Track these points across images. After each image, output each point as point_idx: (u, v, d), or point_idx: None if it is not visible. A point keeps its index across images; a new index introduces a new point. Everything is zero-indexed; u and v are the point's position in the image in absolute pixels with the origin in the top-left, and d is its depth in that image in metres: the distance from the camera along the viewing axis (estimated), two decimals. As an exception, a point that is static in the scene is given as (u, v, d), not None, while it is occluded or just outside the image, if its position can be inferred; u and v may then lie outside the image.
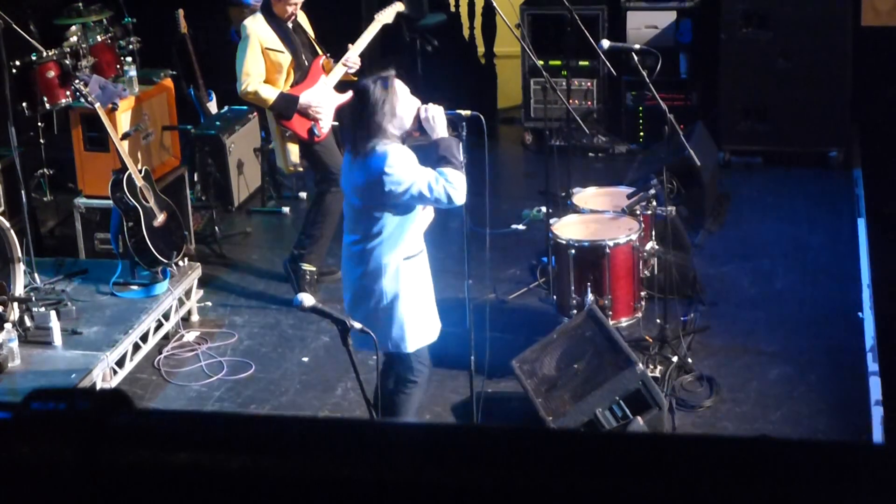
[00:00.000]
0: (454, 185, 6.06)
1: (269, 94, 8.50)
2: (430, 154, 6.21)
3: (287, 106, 8.54)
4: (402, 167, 6.01)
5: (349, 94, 6.54)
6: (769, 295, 8.75)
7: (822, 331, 8.21)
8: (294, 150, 8.79)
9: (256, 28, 8.53)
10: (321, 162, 8.74)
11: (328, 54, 8.87)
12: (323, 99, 8.62)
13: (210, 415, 2.55)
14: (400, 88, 6.16)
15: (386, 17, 9.12)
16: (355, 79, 8.95)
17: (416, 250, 6.31)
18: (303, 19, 8.81)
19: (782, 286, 8.87)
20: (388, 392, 6.50)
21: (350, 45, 8.83)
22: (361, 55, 8.81)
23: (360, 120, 6.13)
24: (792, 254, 9.37)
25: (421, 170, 6.07)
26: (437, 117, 6.19)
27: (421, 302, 6.35)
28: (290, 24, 8.65)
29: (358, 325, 5.37)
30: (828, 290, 8.76)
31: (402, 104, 6.14)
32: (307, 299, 5.24)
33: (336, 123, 8.68)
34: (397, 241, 6.20)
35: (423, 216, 6.36)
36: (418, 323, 6.34)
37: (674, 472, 1.37)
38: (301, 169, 9.08)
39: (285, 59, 8.56)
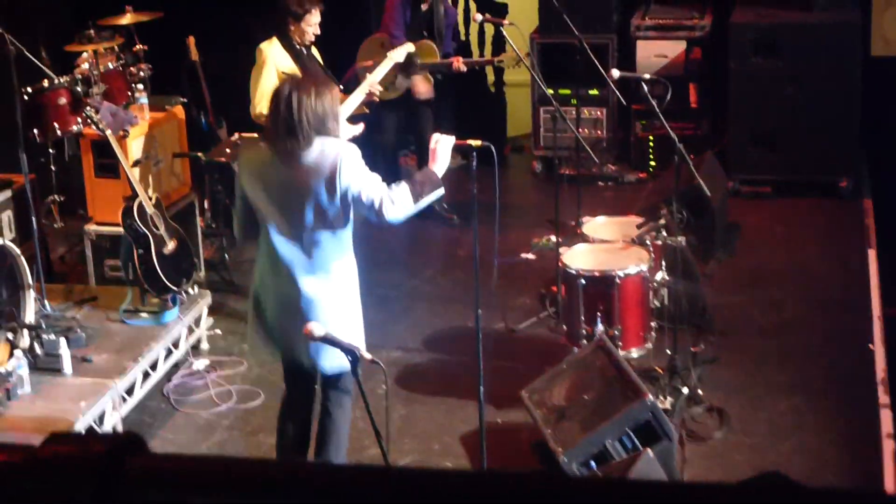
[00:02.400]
0: (395, 201, 5.94)
1: None
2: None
3: None
4: (354, 161, 5.94)
5: (361, 126, 6.54)
6: (779, 325, 8.73)
7: (832, 362, 8.19)
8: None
9: (272, 51, 8.55)
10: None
11: (341, 86, 8.89)
12: (336, 128, 8.63)
13: (223, 458, 2.55)
14: (325, 92, 6.05)
15: (398, 55, 9.17)
16: (367, 110, 8.99)
17: (352, 258, 6.25)
18: (315, 51, 8.84)
19: (792, 316, 8.86)
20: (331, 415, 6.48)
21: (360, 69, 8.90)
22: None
23: (298, 121, 5.93)
24: (802, 284, 9.35)
25: (368, 171, 6.00)
26: (443, 151, 6.17)
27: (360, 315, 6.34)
28: (304, 51, 8.67)
29: (368, 356, 5.37)
30: (838, 320, 8.74)
31: (334, 108, 6.06)
32: (317, 328, 5.24)
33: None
34: (343, 249, 6.13)
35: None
36: (362, 335, 6.31)
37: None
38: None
39: (300, 84, 8.56)
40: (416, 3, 10.14)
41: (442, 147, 6.17)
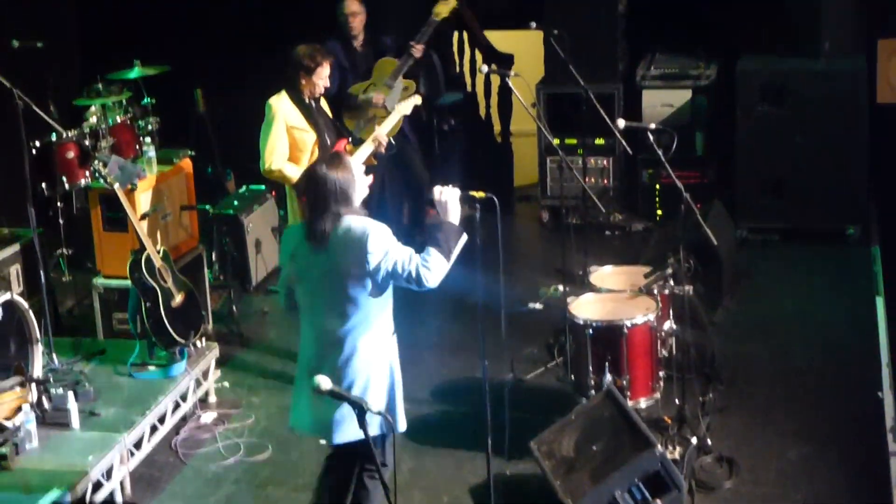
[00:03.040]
0: (430, 267, 6.07)
1: (293, 172, 8.53)
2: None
3: None
4: (382, 240, 6.05)
5: (370, 178, 6.56)
6: (788, 373, 8.71)
7: (841, 410, 8.16)
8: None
9: (281, 105, 8.57)
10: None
11: (350, 138, 8.93)
12: (344, 181, 8.65)
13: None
14: (350, 161, 6.22)
15: (405, 108, 9.21)
16: (375, 162, 9.01)
17: (389, 332, 6.31)
18: (323, 103, 8.86)
19: (801, 364, 8.83)
20: (349, 483, 6.47)
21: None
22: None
23: (324, 202, 6.12)
24: (810, 331, 9.33)
25: (398, 245, 6.10)
26: (450, 201, 6.21)
27: (397, 382, 6.37)
28: (313, 104, 8.70)
29: (376, 409, 5.36)
30: (847, 368, 8.72)
31: (356, 174, 6.19)
32: (324, 382, 5.22)
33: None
34: (376, 322, 6.19)
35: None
36: (401, 405, 6.37)
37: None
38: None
39: (310, 137, 8.60)
40: (350, 48, 10.17)
41: (448, 197, 6.21)
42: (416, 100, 9.38)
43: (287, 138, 8.55)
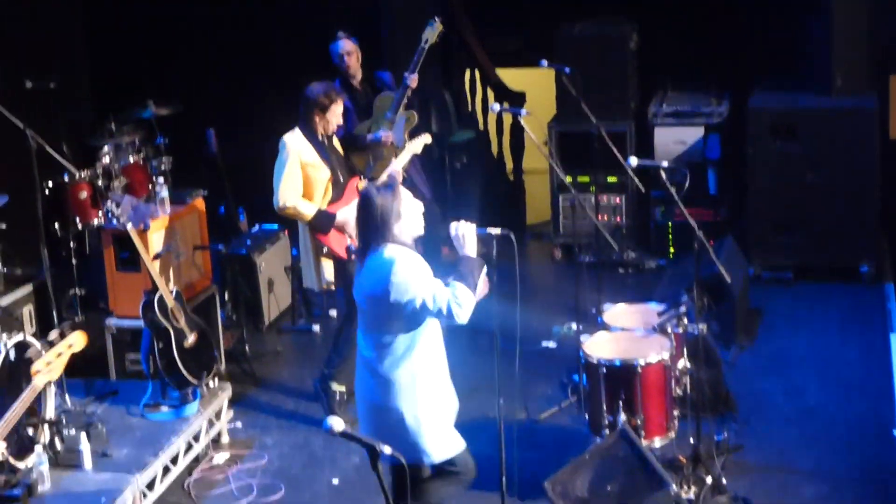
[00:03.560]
0: (460, 302, 6.09)
1: (307, 209, 8.55)
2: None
3: (324, 222, 8.59)
4: (407, 274, 6.08)
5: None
6: (802, 411, 8.67)
7: (856, 448, 8.13)
8: (328, 267, 8.82)
9: (295, 143, 8.59)
10: (351, 281, 8.74)
11: (362, 176, 8.95)
12: (358, 219, 8.67)
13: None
14: (403, 193, 6.24)
15: (415, 147, 9.24)
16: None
17: (429, 362, 6.30)
18: (336, 141, 8.88)
19: (815, 402, 8.80)
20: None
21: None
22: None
23: (366, 226, 6.20)
24: (824, 369, 9.30)
25: (427, 279, 6.10)
26: (467, 235, 6.24)
27: (437, 414, 6.35)
28: (326, 141, 8.72)
29: (388, 450, 5.33)
30: (861, 406, 8.68)
31: (406, 208, 6.20)
32: (337, 424, 5.20)
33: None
34: (409, 353, 6.20)
35: (436, 326, 6.33)
36: (436, 435, 6.35)
37: None
38: (333, 287, 9.09)
39: (323, 174, 8.62)
40: (349, 87, 10.17)
41: (464, 232, 6.23)
42: (427, 138, 9.41)
43: (301, 175, 8.58)
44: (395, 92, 10.00)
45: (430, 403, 6.32)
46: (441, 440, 6.38)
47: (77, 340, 7.09)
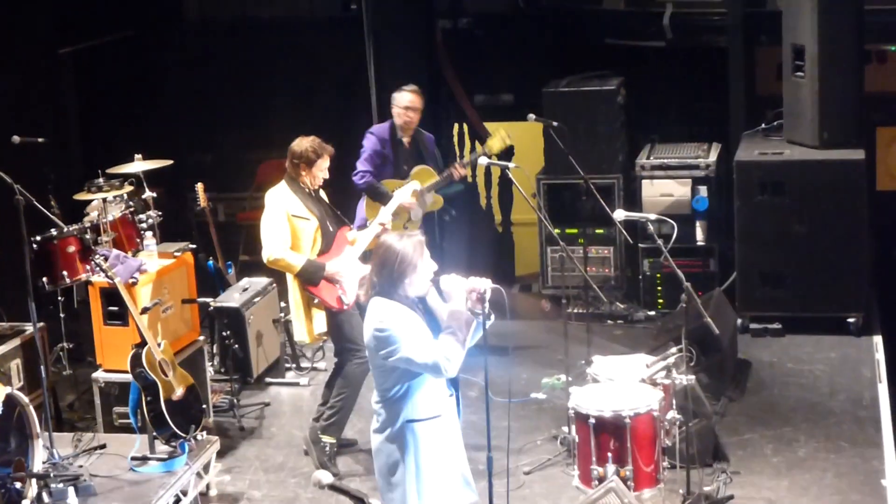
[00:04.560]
0: (449, 357, 6.06)
1: (296, 260, 8.57)
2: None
3: (314, 273, 8.60)
4: (394, 327, 6.06)
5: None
6: (792, 463, 8.66)
7: (846, 499, 8.12)
8: (320, 319, 8.81)
9: (281, 196, 8.64)
10: (343, 332, 8.75)
11: (352, 226, 8.98)
12: (349, 268, 8.69)
13: None
14: (424, 250, 6.23)
15: (403, 195, 9.29)
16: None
17: (426, 414, 6.25)
18: (322, 193, 8.91)
19: (805, 454, 8.79)
20: None
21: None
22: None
23: (380, 273, 6.20)
24: (813, 420, 9.30)
25: (415, 334, 6.08)
26: (457, 289, 6.22)
27: (430, 471, 6.27)
28: (312, 194, 8.76)
29: (377, 503, 5.33)
30: (851, 457, 8.68)
31: (423, 265, 6.19)
32: (325, 477, 5.21)
33: (360, 293, 8.70)
34: (404, 400, 6.18)
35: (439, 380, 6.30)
36: (424, 493, 6.26)
37: None
38: (324, 339, 9.09)
39: (311, 225, 8.65)
40: (396, 140, 10.24)
41: (454, 285, 6.21)
42: (415, 185, 9.47)
43: (288, 227, 8.60)
44: (440, 175, 10.10)
45: (425, 455, 6.27)
46: (436, 494, 6.31)
47: None
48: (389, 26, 12.33)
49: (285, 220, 8.61)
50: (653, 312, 11.58)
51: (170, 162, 10.33)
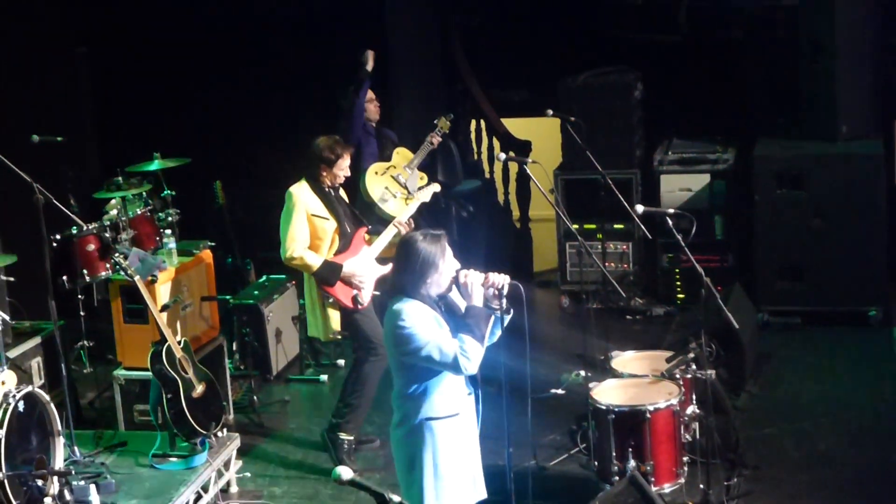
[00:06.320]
0: (468, 354, 6.06)
1: (314, 260, 8.58)
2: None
3: (331, 273, 8.61)
4: (414, 325, 6.05)
5: (390, 266, 6.60)
6: (812, 457, 8.64)
7: (866, 493, 8.10)
8: (335, 317, 8.82)
9: (302, 194, 8.64)
10: (361, 331, 8.76)
11: (370, 227, 8.98)
12: (365, 269, 8.69)
13: None
14: (447, 249, 6.22)
15: (424, 196, 9.30)
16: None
17: (444, 412, 6.25)
18: (342, 192, 8.92)
19: (825, 448, 8.77)
20: None
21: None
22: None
23: (402, 272, 6.19)
24: (834, 414, 9.28)
25: (435, 332, 6.08)
26: (474, 284, 6.21)
27: (447, 469, 6.27)
28: (332, 192, 8.76)
29: (397, 499, 5.32)
30: (871, 451, 8.66)
31: (446, 264, 6.19)
32: (345, 472, 5.19)
33: (377, 293, 8.72)
34: (423, 398, 6.18)
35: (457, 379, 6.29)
36: (441, 491, 6.27)
37: None
38: (340, 337, 9.10)
39: (330, 225, 8.66)
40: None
41: (471, 281, 6.19)
42: (435, 187, 9.45)
43: (308, 226, 8.61)
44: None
45: (443, 453, 6.27)
46: (451, 491, 6.32)
47: None
48: (404, 23, 12.34)
49: (305, 220, 8.62)
50: (672, 308, 11.56)
51: (188, 160, 10.34)
